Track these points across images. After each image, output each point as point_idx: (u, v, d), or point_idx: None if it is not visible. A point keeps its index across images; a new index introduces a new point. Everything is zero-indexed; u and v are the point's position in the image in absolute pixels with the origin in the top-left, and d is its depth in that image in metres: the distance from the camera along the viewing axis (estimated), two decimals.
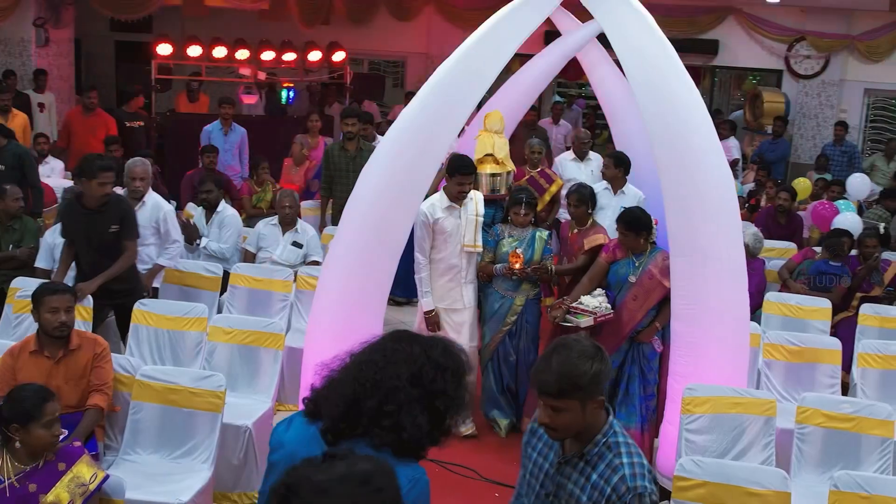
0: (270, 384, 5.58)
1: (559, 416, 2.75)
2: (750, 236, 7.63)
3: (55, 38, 12.77)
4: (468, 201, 6.07)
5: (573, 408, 2.73)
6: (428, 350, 2.48)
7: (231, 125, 10.36)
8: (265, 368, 5.68)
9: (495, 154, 6.84)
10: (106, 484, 3.76)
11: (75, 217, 6.03)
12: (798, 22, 13.95)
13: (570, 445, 2.88)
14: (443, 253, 6.03)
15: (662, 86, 5.17)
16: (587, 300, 5.65)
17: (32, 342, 4.66)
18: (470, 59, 5.45)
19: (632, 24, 5.18)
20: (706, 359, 5.25)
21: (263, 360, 5.69)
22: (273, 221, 7.69)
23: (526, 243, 6.12)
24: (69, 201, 6.03)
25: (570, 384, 2.70)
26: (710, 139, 5.21)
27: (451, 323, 6.10)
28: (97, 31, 15.24)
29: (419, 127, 5.52)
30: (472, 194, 6.13)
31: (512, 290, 6.13)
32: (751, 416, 5.01)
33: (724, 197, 5.22)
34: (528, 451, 3.05)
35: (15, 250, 6.87)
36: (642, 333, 5.70)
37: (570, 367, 2.71)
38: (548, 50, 8.90)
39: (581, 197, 6.22)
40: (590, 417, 2.78)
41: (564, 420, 2.75)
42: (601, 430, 2.83)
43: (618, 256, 5.80)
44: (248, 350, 5.71)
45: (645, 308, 5.65)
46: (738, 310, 5.33)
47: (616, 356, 5.72)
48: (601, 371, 2.75)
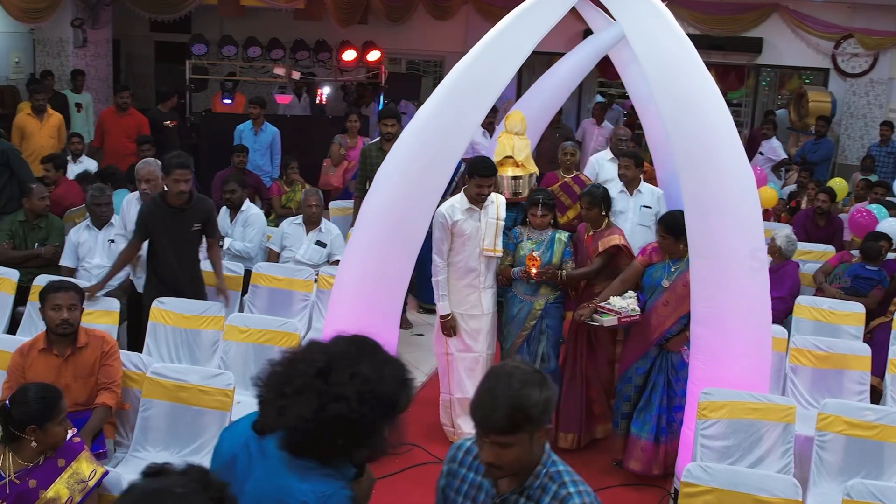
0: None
1: (507, 451, 2.50)
2: (783, 238, 7.53)
3: (93, 39, 13.01)
4: (489, 204, 5.97)
5: (522, 441, 2.50)
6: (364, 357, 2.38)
7: (262, 125, 10.46)
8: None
9: (515, 156, 6.76)
10: (105, 480, 3.82)
11: (158, 215, 6.04)
12: (845, 19, 13.71)
13: (507, 482, 2.63)
14: (461, 256, 5.93)
15: (681, 84, 5.10)
16: (615, 300, 5.58)
17: (41, 340, 4.76)
18: (486, 59, 5.45)
19: (650, 21, 5.11)
20: (726, 363, 5.18)
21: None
22: (297, 221, 7.74)
23: (544, 246, 6.00)
24: (153, 199, 6.06)
25: (523, 416, 2.47)
26: (730, 138, 5.13)
27: (468, 329, 6.00)
28: (137, 32, 15.49)
29: (435, 127, 5.53)
30: (494, 197, 6.03)
31: (531, 295, 6.02)
32: (769, 423, 4.94)
33: (744, 197, 5.14)
34: (451, 496, 2.76)
35: (40, 248, 7.01)
36: (672, 342, 5.59)
37: (521, 398, 2.48)
38: (578, 48, 8.89)
39: (593, 198, 6.06)
40: (536, 449, 2.56)
41: (513, 456, 2.51)
42: (541, 460, 2.60)
43: (654, 260, 5.71)
44: (264, 349, 5.76)
45: (675, 315, 5.54)
46: (760, 312, 5.25)
47: (642, 363, 5.67)
48: (550, 398, 2.53)
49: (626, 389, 5.75)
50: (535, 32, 5.43)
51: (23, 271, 6.68)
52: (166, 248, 6.09)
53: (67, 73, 12.41)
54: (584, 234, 6.16)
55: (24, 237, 7.05)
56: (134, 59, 16.20)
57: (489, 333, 6.07)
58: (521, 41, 5.44)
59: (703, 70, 5.13)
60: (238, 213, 7.74)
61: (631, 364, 5.72)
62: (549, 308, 6.00)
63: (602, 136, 12.75)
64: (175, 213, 6.04)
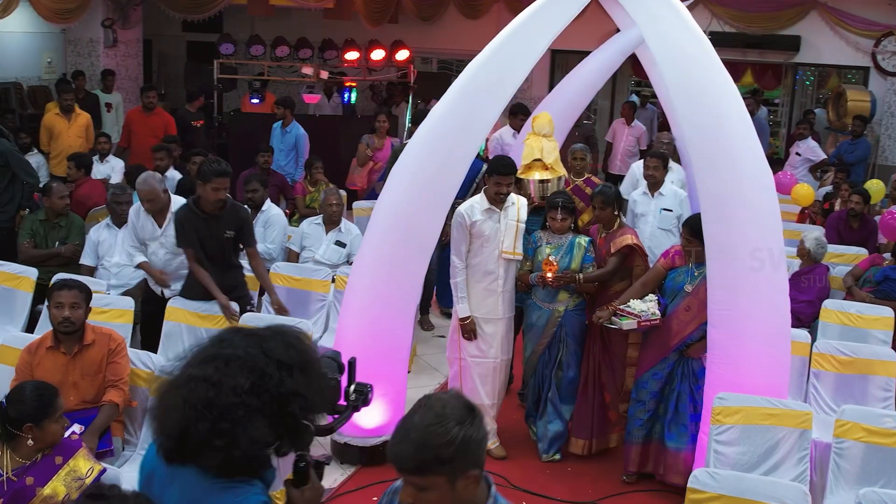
0: None
1: (424, 495, 2.26)
2: (812, 241, 7.43)
3: (123, 39, 13.19)
4: (509, 205, 5.85)
5: (439, 485, 2.24)
6: (267, 349, 2.19)
7: (289, 125, 10.52)
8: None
9: (544, 159, 6.61)
10: (103, 478, 3.86)
11: (192, 221, 5.95)
12: (886, 16, 13.46)
13: None
14: (479, 258, 5.82)
15: (696, 81, 5.07)
16: (636, 304, 5.51)
17: (49, 338, 4.82)
18: (499, 58, 5.45)
19: (665, 16, 5.07)
20: (743, 367, 5.14)
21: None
22: (317, 220, 7.78)
23: (563, 251, 5.89)
24: (187, 205, 5.94)
25: (432, 457, 2.21)
26: (748, 138, 5.08)
27: (483, 334, 5.89)
28: (169, 32, 15.69)
29: (448, 126, 5.54)
30: (515, 198, 5.92)
31: (549, 301, 5.90)
32: (784, 429, 4.88)
33: (762, 197, 5.09)
34: None
35: (60, 247, 7.11)
36: (692, 348, 5.50)
37: (430, 435, 2.21)
38: (604, 47, 8.80)
39: (606, 198, 5.94)
40: (462, 495, 2.28)
41: (430, 500, 2.26)
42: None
43: (676, 263, 5.62)
44: None
45: (697, 321, 5.44)
46: (778, 315, 5.20)
47: (661, 368, 5.59)
48: (472, 438, 2.24)
49: (641, 395, 5.66)
50: (550, 30, 5.43)
51: (42, 270, 6.78)
52: (200, 255, 6.01)
53: (98, 73, 12.60)
54: (596, 237, 6.09)
55: (45, 236, 7.16)
56: (166, 59, 16.41)
57: (505, 339, 5.95)
58: (534, 39, 5.43)
59: (719, 67, 5.07)
60: (259, 213, 7.78)
61: (648, 369, 5.63)
62: (570, 315, 5.89)
63: (632, 136, 12.64)
64: (208, 220, 5.94)
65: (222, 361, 2.16)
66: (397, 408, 5.89)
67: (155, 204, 6.27)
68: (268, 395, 2.14)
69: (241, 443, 2.11)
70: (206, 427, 2.10)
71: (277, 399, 2.15)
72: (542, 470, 5.95)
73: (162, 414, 2.18)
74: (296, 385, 2.18)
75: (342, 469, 5.84)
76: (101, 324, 5.89)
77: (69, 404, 4.72)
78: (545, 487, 5.73)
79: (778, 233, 5.19)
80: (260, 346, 2.19)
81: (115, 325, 5.92)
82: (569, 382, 5.96)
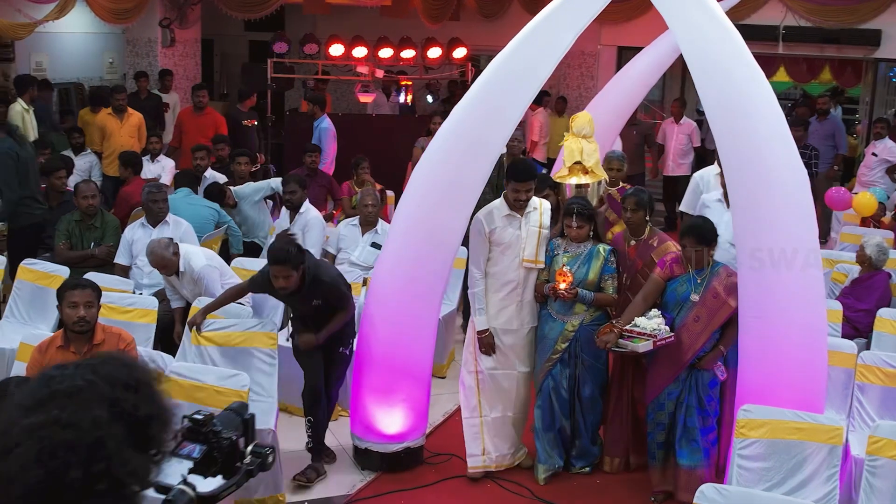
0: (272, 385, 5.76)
1: None
2: (873, 247, 7.19)
3: (181, 39, 13.47)
4: (531, 211, 5.70)
5: None
6: (104, 374, 1.86)
7: (317, 121, 10.73)
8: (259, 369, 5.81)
9: (584, 162, 6.36)
10: None
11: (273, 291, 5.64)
12: None
13: None
14: (498, 266, 5.67)
15: (725, 76, 4.93)
16: (642, 322, 5.27)
17: (60, 337, 4.93)
18: (522, 54, 5.41)
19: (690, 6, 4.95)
20: (774, 378, 5.00)
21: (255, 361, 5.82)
22: (354, 222, 7.81)
23: (581, 260, 5.64)
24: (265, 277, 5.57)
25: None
26: (780, 134, 4.93)
27: (502, 346, 5.73)
28: (231, 32, 15.97)
29: (471, 125, 5.51)
30: (537, 203, 5.75)
31: (564, 313, 5.64)
32: (813, 444, 4.72)
33: (796, 197, 4.94)
34: None
35: (94, 249, 7.28)
36: (704, 359, 5.33)
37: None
38: (655, 43, 8.70)
39: (639, 200, 5.73)
40: None
41: None
42: None
43: (675, 273, 5.43)
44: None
45: (709, 330, 5.29)
46: (814, 323, 5.04)
47: (675, 386, 5.40)
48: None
49: (659, 417, 5.49)
50: (575, 25, 5.35)
51: (75, 269, 6.92)
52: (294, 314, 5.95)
53: (156, 73, 12.88)
54: (623, 245, 5.84)
55: (81, 237, 7.33)
56: (228, 58, 16.71)
57: (524, 350, 5.81)
58: (558, 34, 5.36)
59: (748, 60, 4.93)
60: (297, 214, 7.83)
61: (663, 389, 5.45)
62: (585, 329, 5.63)
63: (683, 134, 12.45)
64: (289, 296, 5.64)
65: (64, 398, 1.81)
66: (419, 413, 5.89)
67: (169, 269, 6.45)
68: (128, 422, 1.84)
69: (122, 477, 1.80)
70: (79, 474, 1.75)
71: (138, 425, 1.86)
72: (568, 481, 5.87)
73: (9, 484, 1.74)
74: (151, 405, 1.89)
75: (362, 475, 5.85)
76: (125, 323, 6.07)
77: None
78: (571, 501, 5.65)
79: (813, 234, 5.03)
80: (95, 373, 1.87)
81: (137, 325, 6.10)
82: (586, 400, 5.77)
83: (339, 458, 6.04)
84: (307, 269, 5.42)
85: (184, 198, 8.14)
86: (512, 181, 5.64)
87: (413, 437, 5.91)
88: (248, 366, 5.73)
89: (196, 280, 6.48)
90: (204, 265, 6.49)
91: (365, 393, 5.83)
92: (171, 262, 6.41)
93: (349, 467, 5.95)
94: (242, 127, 11.15)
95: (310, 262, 5.49)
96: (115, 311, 6.13)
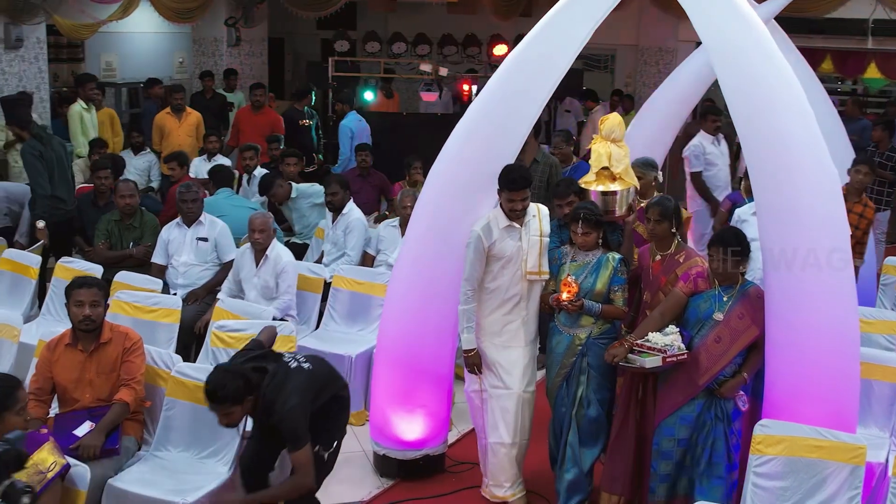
0: None
1: None
2: None
3: (247, 38, 13.74)
4: (530, 219, 5.42)
5: None
6: None
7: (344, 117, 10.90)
8: None
9: (612, 167, 5.86)
10: (74, 475, 4.04)
11: None
12: None
13: None
14: (499, 281, 5.40)
15: (748, 72, 4.79)
16: (656, 338, 4.95)
17: (68, 335, 5.08)
18: (538, 46, 5.35)
19: None
20: (803, 392, 4.81)
21: None
22: (394, 223, 7.83)
23: (589, 269, 5.33)
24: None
25: None
26: (808, 131, 4.77)
27: (503, 363, 5.46)
28: (303, 31, 16.22)
29: (486, 126, 5.48)
30: (535, 209, 5.47)
31: (571, 325, 5.36)
32: (834, 464, 4.54)
33: (824, 198, 4.76)
34: None
35: (133, 248, 7.47)
36: (725, 387, 4.94)
37: None
38: None
39: (664, 210, 5.27)
40: None
41: None
42: None
43: (699, 288, 5.08)
44: None
45: (730, 354, 4.92)
46: (844, 332, 4.83)
47: (688, 411, 4.99)
48: None
49: (666, 444, 5.03)
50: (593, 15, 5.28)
51: (114, 269, 7.09)
52: None
53: (221, 73, 13.16)
54: (648, 260, 5.42)
55: (120, 236, 7.54)
56: (301, 57, 16.97)
57: (528, 368, 5.50)
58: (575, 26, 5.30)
59: (774, 54, 4.78)
60: (339, 216, 7.87)
61: (672, 412, 5.03)
62: (593, 344, 5.30)
63: None
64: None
65: None
66: (439, 420, 5.87)
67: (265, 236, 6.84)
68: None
69: None
70: None
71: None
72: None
73: None
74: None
75: (380, 482, 5.87)
76: (149, 322, 6.23)
77: (84, 401, 5.00)
78: None
79: (844, 237, 4.83)
80: None
81: (161, 325, 6.26)
82: (590, 422, 5.36)
83: (360, 463, 6.08)
84: (264, 393, 4.48)
85: (226, 198, 8.29)
86: (505, 190, 5.32)
87: (433, 444, 5.89)
88: None
89: (278, 272, 6.76)
90: (290, 261, 6.86)
91: (383, 397, 5.84)
92: (270, 233, 6.82)
93: (369, 473, 5.98)
94: (299, 127, 11.30)
95: (273, 383, 4.49)
96: (141, 310, 6.30)
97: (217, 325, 5.93)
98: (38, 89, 10.76)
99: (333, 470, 4.94)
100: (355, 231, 7.79)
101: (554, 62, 5.33)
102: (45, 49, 10.93)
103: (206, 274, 7.21)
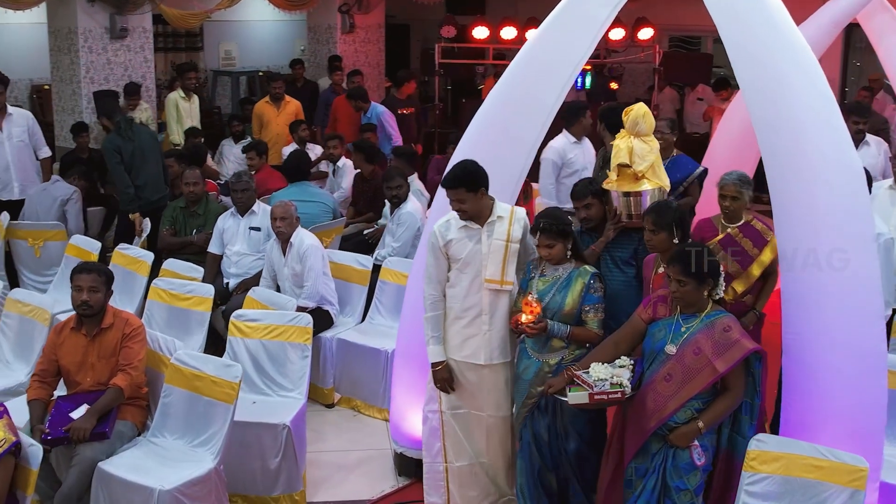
0: (300, 380, 5.89)
1: None
2: None
3: (363, 24, 13.98)
4: (494, 220, 4.96)
5: None
6: None
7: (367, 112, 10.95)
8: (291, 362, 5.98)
9: (634, 165, 5.43)
10: (28, 453, 4.27)
11: None
12: None
13: None
14: (457, 288, 5.02)
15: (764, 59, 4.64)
16: (596, 369, 4.46)
17: (73, 320, 5.37)
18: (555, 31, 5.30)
19: None
20: (821, 408, 4.58)
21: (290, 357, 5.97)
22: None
23: (558, 286, 4.85)
24: None
25: None
26: (829, 123, 4.54)
27: (467, 383, 5.09)
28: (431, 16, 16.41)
29: (502, 115, 5.47)
30: (505, 210, 5.00)
31: (538, 350, 4.89)
32: (832, 486, 4.28)
33: (846, 193, 4.52)
34: None
35: (194, 236, 7.80)
36: (676, 434, 4.40)
37: None
38: (812, 19, 8.12)
39: (659, 219, 4.92)
40: None
41: None
42: None
43: (658, 314, 4.56)
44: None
45: (681, 397, 4.37)
46: (868, 344, 4.56)
47: (641, 460, 4.53)
48: None
49: (627, 496, 4.59)
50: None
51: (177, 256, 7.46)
52: None
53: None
54: (650, 272, 5.13)
55: (184, 223, 7.89)
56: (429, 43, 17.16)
57: (494, 392, 5.09)
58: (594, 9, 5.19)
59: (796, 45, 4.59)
60: (398, 209, 7.98)
61: (629, 462, 4.59)
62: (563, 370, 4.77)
63: None
64: None
65: None
66: None
67: (288, 224, 6.98)
68: None
69: None
70: None
71: None
72: None
73: None
74: None
75: (396, 481, 5.93)
76: (181, 310, 6.52)
77: (85, 385, 5.29)
78: None
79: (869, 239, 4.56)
80: None
81: (192, 312, 6.52)
82: (573, 456, 4.95)
83: (382, 461, 6.16)
84: None
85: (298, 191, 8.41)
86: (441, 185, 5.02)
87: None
88: (282, 359, 5.97)
89: (301, 257, 6.89)
90: (312, 244, 6.96)
91: (401, 395, 5.89)
92: (294, 221, 6.97)
93: (388, 471, 6.05)
94: (399, 115, 11.44)
95: None
96: (176, 297, 6.60)
97: (235, 314, 6.12)
98: (144, 78, 11.30)
99: (357, 465, 5.15)
100: (405, 223, 7.88)
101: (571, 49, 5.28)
102: (152, 38, 11.46)
103: (258, 263, 7.42)
